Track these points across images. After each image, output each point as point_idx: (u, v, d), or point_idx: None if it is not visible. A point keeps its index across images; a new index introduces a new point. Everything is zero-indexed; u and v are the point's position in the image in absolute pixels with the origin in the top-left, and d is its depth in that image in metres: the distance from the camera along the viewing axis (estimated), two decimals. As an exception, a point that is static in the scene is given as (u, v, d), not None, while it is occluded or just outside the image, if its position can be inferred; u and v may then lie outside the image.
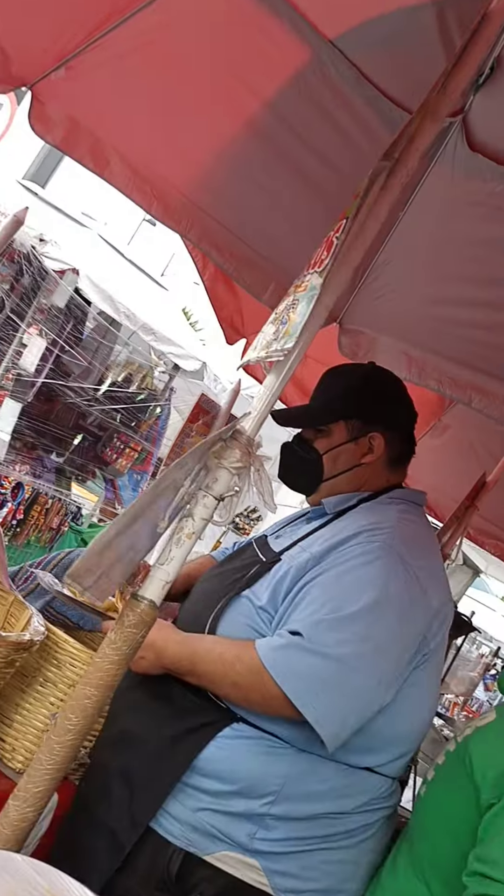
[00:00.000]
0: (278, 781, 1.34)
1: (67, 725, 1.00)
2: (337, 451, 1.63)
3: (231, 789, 1.34)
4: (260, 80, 1.71)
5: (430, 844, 1.37)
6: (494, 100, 1.57)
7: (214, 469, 1.07)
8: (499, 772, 1.27)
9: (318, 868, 1.36)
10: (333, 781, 1.37)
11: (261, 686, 1.29)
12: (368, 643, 1.32)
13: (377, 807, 1.43)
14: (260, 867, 1.33)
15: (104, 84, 1.80)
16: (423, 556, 1.49)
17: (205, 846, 1.34)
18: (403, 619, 1.39)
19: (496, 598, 13.48)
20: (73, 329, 5.53)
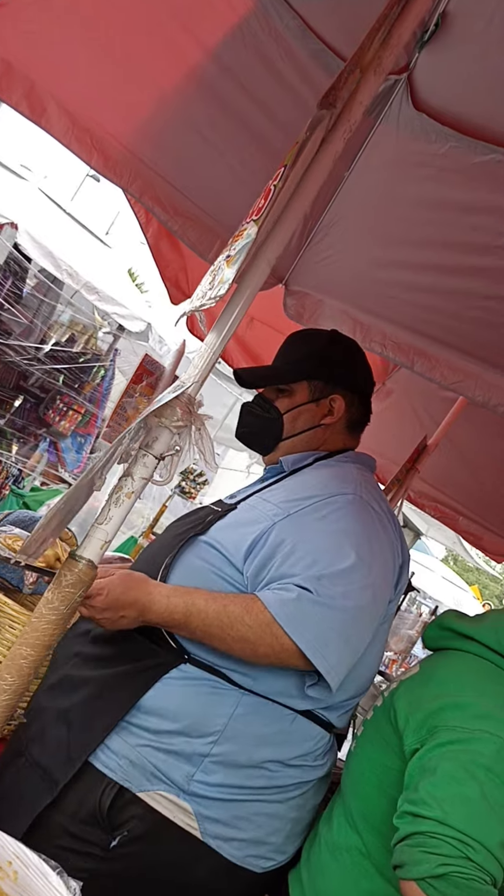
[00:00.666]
0: (222, 721, 1.36)
1: (3, 685, 0.99)
2: (298, 411, 1.67)
3: (174, 728, 1.35)
4: (203, 28, 1.66)
5: (360, 796, 1.42)
6: (439, 58, 1.55)
7: (155, 428, 1.06)
8: (420, 717, 1.33)
9: (249, 819, 1.39)
10: (278, 726, 1.40)
11: (272, 639, 1.32)
12: (367, 592, 1.39)
13: (313, 764, 1.46)
14: (192, 811, 1.35)
15: (39, 25, 1.71)
16: (386, 508, 1.57)
17: (140, 783, 1.35)
18: (386, 564, 1.48)
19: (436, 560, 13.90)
20: (12, 286, 5.35)
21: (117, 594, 1.34)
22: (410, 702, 1.37)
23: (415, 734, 1.31)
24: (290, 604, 1.33)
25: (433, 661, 1.49)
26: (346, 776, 1.51)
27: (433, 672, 1.43)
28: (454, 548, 9.23)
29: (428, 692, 1.36)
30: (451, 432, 2.96)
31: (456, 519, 3.96)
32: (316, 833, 1.50)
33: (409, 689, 1.42)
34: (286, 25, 1.57)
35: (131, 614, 1.36)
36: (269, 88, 1.75)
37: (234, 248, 1.04)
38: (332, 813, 1.49)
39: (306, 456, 1.64)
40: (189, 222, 2.19)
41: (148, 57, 1.78)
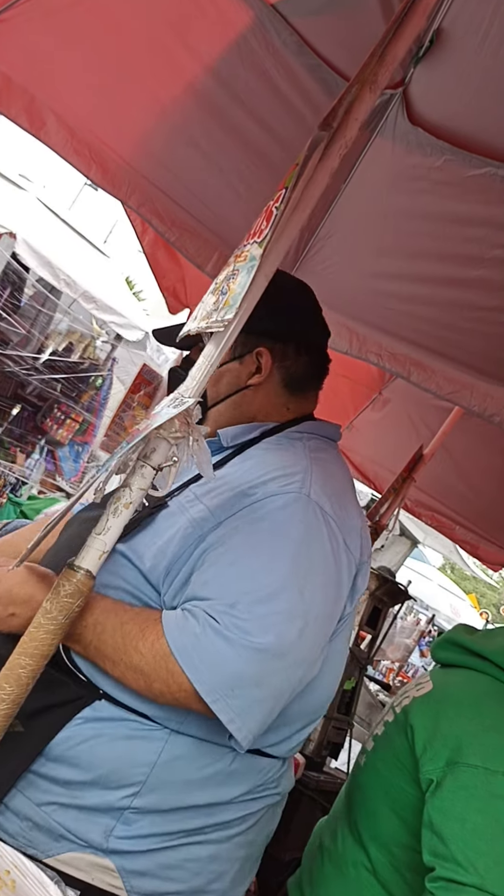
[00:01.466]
0: (143, 770, 1.14)
1: (1, 695, 1.00)
2: (219, 372, 1.37)
3: (86, 778, 1.14)
4: (201, 43, 1.68)
5: (368, 813, 1.39)
6: (433, 73, 1.58)
7: (153, 439, 1.06)
8: (438, 747, 1.28)
9: (183, 867, 1.17)
10: (214, 768, 1.18)
11: (166, 675, 1.09)
12: (295, 622, 1.13)
13: (262, 794, 1.25)
14: (114, 868, 1.13)
15: (40, 40, 1.73)
16: (341, 502, 1.28)
17: (47, 847, 1.13)
18: (328, 583, 1.21)
19: (433, 568, 13.90)
20: (10, 296, 5.37)
21: (10, 585, 1.14)
22: (427, 726, 1.31)
23: (432, 763, 1.26)
24: (191, 636, 1.09)
25: (447, 678, 1.43)
26: (353, 790, 1.47)
27: (448, 692, 1.38)
28: (451, 556, 9.24)
29: (445, 717, 1.31)
30: (447, 442, 2.98)
31: (452, 528, 3.98)
32: (319, 843, 1.48)
33: (425, 709, 1.35)
34: (283, 41, 1.59)
35: (24, 613, 1.12)
36: (266, 102, 1.77)
37: (237, 268, 1.05)
38: (336, 825, 1.47)
39: (249, 429, 1.37)
40: (187, 234, 2.21)
41: (146, 71, 1.80)
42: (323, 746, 2.74)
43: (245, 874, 1.27)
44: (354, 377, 3.27)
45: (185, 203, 2.14)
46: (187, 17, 1.62)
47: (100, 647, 1.13)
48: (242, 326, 1.33)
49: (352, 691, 2.93)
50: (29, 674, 1.01)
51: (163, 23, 1.66)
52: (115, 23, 1.70)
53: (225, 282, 1.10)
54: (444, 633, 1.53)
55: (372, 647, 3.17)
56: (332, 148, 1.02)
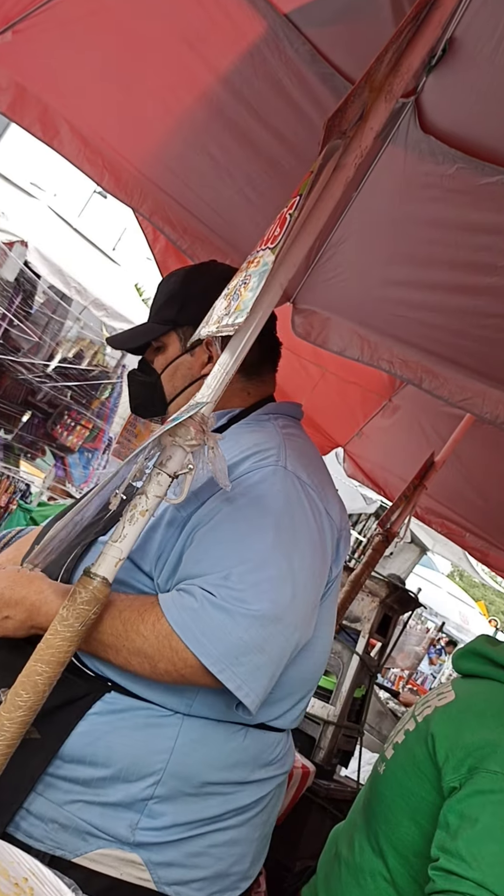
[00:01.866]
0: (162, 758, 1.16)
1: (18, 702, 1.00)
2: (173, 367, 1.45)
3: (107, 774, 1.15)
4: (214, 53, 1.69)
5: (388, 823, 1.38)
6: (446, 81, 1.58)
7: (168, 447, 1.07)
8: (460, 755, 1.28)
9: (207, 853, 1.21)
10: (229, 745, 1.22)
11: (170, 653, 1.11)
12: (286, 586, 1.16)
13: (270, 775, 1.30)
14: (141, 861, 1.16)
15: (53, 50, 1.75)
16: (315, 472, 1.33)
17: (75, 846, 1.15)
18: (314, 547, 1.25)
19: (442, 576, 13.86)
20: (21, 303, 5.41)
21: (0, 589, 1.16)
22: (449, 735, 1.32)
23: (454, 772, 1.27)
24: (189, 611, 1.11)
25: (469, 687, 1.43)
26: (371, 798, 1.46)
27: (471, 702, 1.38)
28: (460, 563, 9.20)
29: (468, 726, 1.32)
30: (458, 449, 2.97)
31: (462, 535, 3.96)
32: (335, 851, 1.48)
33: (448, 719, 1.36)
34: (296, 50, 1.60)
35: (18, 615, 1.14)
36: (279, 111, 1.78)
37: (250, 273, 1.06)
38: (353, 833, 1.46)
39: (216, 417, 1.36)
40: (198, 242, 2.22)
41: (159, 80, 1.82)
42: (333, 755, 2.73)
43: (260, 852, 1.33)
44: (364, 384, 3.27)
45: (197, 211, 2.15)
46: (200, 28, 1.63)
47: (100, 638, 1.14)
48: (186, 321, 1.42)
49: (362, 699, 2.92)
50: (45, 681, 1.01)
51: (175, 33, 1.68)
52: (128, 33, 1.71)
53: (237, 287, 1.11)
54: (467, 643, 1.54)
55: (382, 655, 3.16)
56: (347, 157, 1.03)
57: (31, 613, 1.15)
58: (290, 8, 1.53)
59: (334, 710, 2.72)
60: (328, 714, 2.71)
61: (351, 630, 2.91)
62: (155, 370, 1.47)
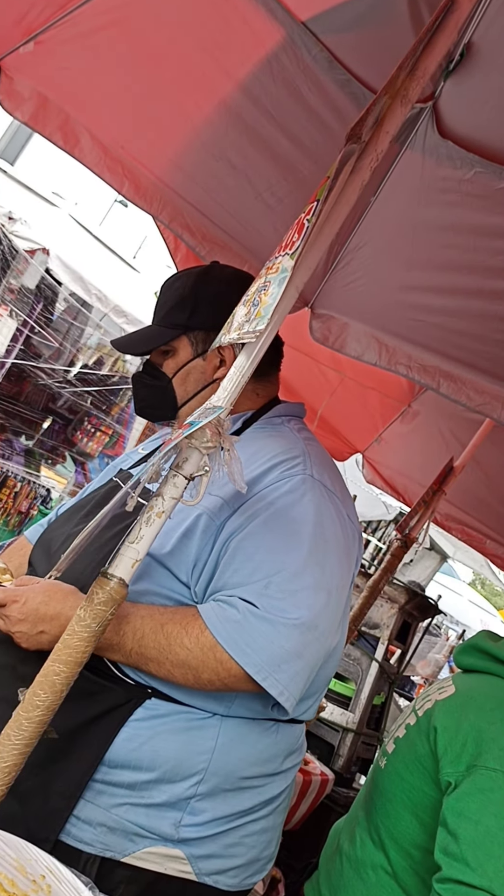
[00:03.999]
0: (204, 758, 1.22)
1: (36, 701, 1.01)
2: (185, 371, 1.45)
3: (151, 777, 1.20)
4: (232, 61, 1.70)
5: (389, 816, 1.40)
6: (464, 86, 1.58)
7: (185, 449, 1.08)
8: (457, 749, 1.30)
9: (242, 843, 1.29)
10: (264, 742, 1.29)
11: (215, 664, 1.16)
12: (321, 594, 1.22)
13: (294, 763, 1.39)
14: (184, 856, 1.22)
15: (74, 60, 1.77)
16: (335, 478, 1.40)
17: (123, 847, 1.20)
18: (342, 555, 1.32)
19: (463, 584, 13.72)
20: (43, 310, 5.47)
21: (36, 604, 1.17)
22: (449, 727, 1.34)
23: (452, 766, 1.28)
24: (233, 623, 1.16)
25: (469, 682, 1.45)
26: (373, 792, 1.48)
27: (471, 696, 1.40)
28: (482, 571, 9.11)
29: (466, 719, 1.33)
30: (477, 454, 2.95)
31: (483, 542, 3.93)
32: (337, 846, 1.48)
33: (447, 712, 1.37)
34: (314, 57, 1.61)
35: (53, 631, 1.16)
36: (297, 117, 1.79)
37: (269, 279, 1.06)
38: (354, 828, 1.47)
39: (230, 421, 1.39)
40: (217, 248, 2.23)
41: (178, 89, 1.83)
42: (352, 762, 2.72)
43: (279, 833, 1.41)
44: (383, 389, 3.27)
45: (216, 217, 2.17)
46: (219, 36, 1.64)
47: (143, 652, 1.19)
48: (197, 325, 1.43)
49: (381, 706, 2.90)
50: (63, 681, 1.02)
51: (194, 42, 1.69)
52: (147, 42, 1.74)
53: (256, 293, 1.11)
54: (468, 639, 1.55)
55: (402, 662, 3.14)
56: (363, 161, 1.03)
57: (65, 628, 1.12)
58: (307, 15, 1.55)
59: (353, 718, 2.71)
60: (347, 721, 2.70)
61: (370, 636, 2.90)
62: (165, 374, 1.47)
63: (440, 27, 1.08)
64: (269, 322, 1.05)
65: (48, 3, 1.60)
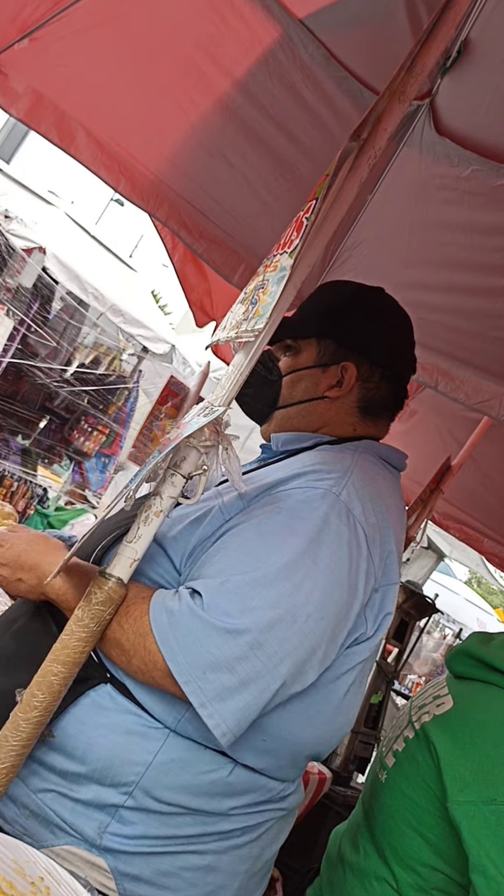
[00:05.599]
0: (137, 770, 1.08)
1: (34, 702, 1.00)
2: (299, 375, 1.34)
3: (81, 770, 1.09)
4: (229, 58, 1.70)
5: (392, 832, 1.36)
6: (461, 83, 1.58)
7: (183, 448, 1.07)
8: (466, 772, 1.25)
9: (179, 875, 1.10)
10: (210, 777, 1.11)
11: (144, 652, 1.05)
12: (279, 612, 1.04)
13: (264, 808, 1.17)
14: (107, 868, 1.08)
15: (70, 57, 1.76)
16: (377, 512, 1.19)
17: (43, 837, 1.09)
18: (336, 588, 1.10)
19: (460, 582, 13.74)
20: (40, 309, 5.46)
21: (18, 551, 1.15)
22: (451, 750, 1.28)
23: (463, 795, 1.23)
24: (168, 614, 1.04)
25: (467, 694, 1.39)
26: (375, 806, 1.43)
27: (471, 712, 1.34)
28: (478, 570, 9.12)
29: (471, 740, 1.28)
30: (475, 453, 2.95)
31: (480, 540, 3.93)
32: (339, 854, 1.46)
33: (448, 730, 1.32)
34: (311, 55, 1.61)
35: (29, 580, 1.13)
36: (294, 114, 1.79)
37: (267, 278, 1.06)
38: (357, 836, 1.44)
39: (305, 437, 1.31)
40: (214, 245, 2.23)
41: (175, 85, 1.83)
42: (349, 761, 2.71)
43: (250, 892, 1.19)
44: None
45: (213, 215, 2.16)
46: (216, 33, 1.64)
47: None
48: (334, 336, 1.34)
49: (378, 705, 2.90)
50: (61, 681, 1.01)
51: (191, 38, 1.69)
52: (143, 39, 1.73)
53: (255, 292, 1.11)
54: (460, 644, 1.49)
55: (399, 661, 3.14)
56: (361, 158, 1.03)
57: (40, 581, 1.12)
58: (305, 13, 1.54)
59: (351, 716, 2.70)
60: (345, 719, 2.69)
61: (367, 635, 2.90)
62: (278, 369, 1.37)
63: (437, 24, 1.07)
64: (268, 321, 1.05)
65: (43, 0, 1.59)
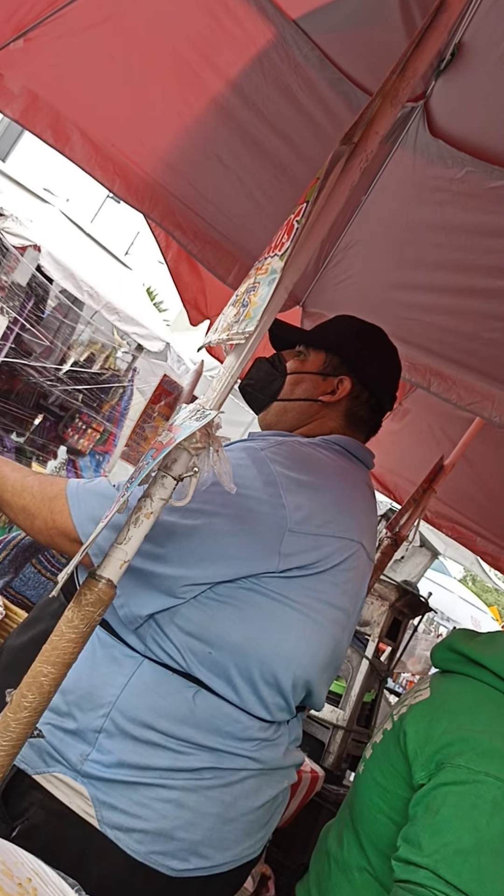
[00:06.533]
0: (113, 691, 1.22)
1: (23, 703, 1.00)
2: (302, 377, 1.53)
3: (69, 700, 1.23)
4: (224, 59, 1.70)
5: (367, 821, 1.40)
6: (455, 85, 1.58)
7: (174, 450, 1.07)
8: (429, 752, 1.29)
9: (150, 806, 1.21)
10: (175, 697, 1.22)
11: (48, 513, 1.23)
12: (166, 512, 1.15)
13: (232, 751, 1.25)
14: (88, 795, 1.20)
15: (65, 57, 1.76)
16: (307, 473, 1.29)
17: (36, 764, 1.23)
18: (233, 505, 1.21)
19: (454, 580, 13.77)
20: (34, 307, 5.45)
21: None
22: (420, 731, 1.33)
23: (423, 769, 1.29)
24: (85, 485, 1.23)
25: (444, 685, 1.44)
26: (354, 797, 1.48)
27: (444, 700, 1.39)
28: (472, 568, 9.15)
29: (438, 724, 1.33)
30: (467, 452, 2.96)
31: (473, 539, 3.94)
32: (325, 849, 1.49)
33: (420, 716, 1.37)
34: (305, 56, 1.61)
35: None
36: (288, 116, 1.79)
37: (258, 280, 1.06)
38: (342, 830, 1.47)
39: (281, 434, 1.46)
40: (208, 246, 2.23)
41: (169, 87, 1.83)
42: (342, 759, 2.72)
43: (225, 840, 1.25)
44: (375, 388, 3.26)
45: (207, 215, 2.17)
46: (210, 35, 1.64)
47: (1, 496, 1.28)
48: (341, 353, 1.53)
49: (371, 703, 2.92)
50: (51, 682, 1.01)
51: (185, 39, 1.69)
52: (138, 40, 1.73)
53: (246, 294, 1.11)
54: (444, 638, 1.53)
55: (392, 659, 3.15)
56: (352, 161, 1.03)
57: None
58: (298, 14, 1.55)
59: (344, 715, 2.71)
60: (337, 718, 2.70)
61: (360, 634, 2.91)
62: (285, 367, 1.55)
63: (430, 27, 1.08)
64: (259, 323, 1.05)
65: (38, 0, 1.59)
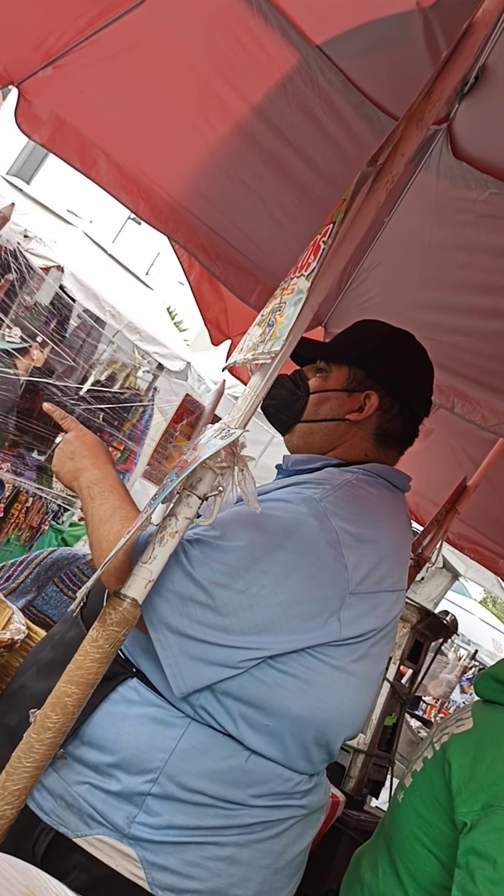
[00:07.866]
0: (161, 756, 1.15)
1: (47, 723, 1.00)
2: (325, 396, 1.45)
3: (111, 761, 1.17)
4: (248, 84, 1.72)
5: (406, 852, 1.36)
6: (478, 108, 1.59)
7: (198, 468, 1.07)
8: (474, 788, 1.26)
9: (203, 865, 1.16)
10: (229, 763, 1.18)
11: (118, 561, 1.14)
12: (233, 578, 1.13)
13: (284, 803, 1.22)
14: (137, 857, 1.15)
15: (92, 84, 1.80)
16: (365, 525, 1.23)
17: (77, 827, 1.16)
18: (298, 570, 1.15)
19: (474, 602, 13.60)
20: (57, 326, 5.51)
21: (82, 442, 1.33)
22: (464, 766, 1.29)
23: (467, 805, 1.25)
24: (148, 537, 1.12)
25: (488, 716, 1.40)
26: (391, 827, 1.44)
27: (488, 732, 1.35)
28: (493, 589, 9.03)
29: (483, 758, 1.29)
30: (491, 473, 2.93)
31: (497, 561, 3.89)
32: (358, 877, 1.45)
33: (464, 748, 1.33)
34: (328, 80, 1.63)
35: (71, 466, 1.30)
36: (312, 139, 1.80)
37: (284, 301, 1.07)
38: (377, 859, 1.44)
39: (315, 459, 1.40)
40: (231, 268, 2.25)
41: (194, 111, 1.86)
42: (363, 784, 2.68)
43: (274, 889, 1.23)
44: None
45: (230, 237, 2.19)
46: (235, 60, 1.66)
47: (89, 521, 1.22)
48: (364, 366, 1.44)
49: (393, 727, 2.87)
50: (75, 702, 1.01)
51: (210, 65, 1.71)
52: (164, 66, 1.76)
53: (271, 314, 1.12)
54: (490, 667, 1.51)
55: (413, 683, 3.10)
56: (379, 183, 1.04)
57: (78, 472, 1.28)
58: (322, 39, 1.56)
59: (364, 739, 2.67)
60: (358, 742, 2.66)
61: (382, 657, 2.87)
62: (307, 387, 1.47)
63: (456, 51, 1.09)
64: (285, 343, 1.06)
65: (67, 28, 1.63)
